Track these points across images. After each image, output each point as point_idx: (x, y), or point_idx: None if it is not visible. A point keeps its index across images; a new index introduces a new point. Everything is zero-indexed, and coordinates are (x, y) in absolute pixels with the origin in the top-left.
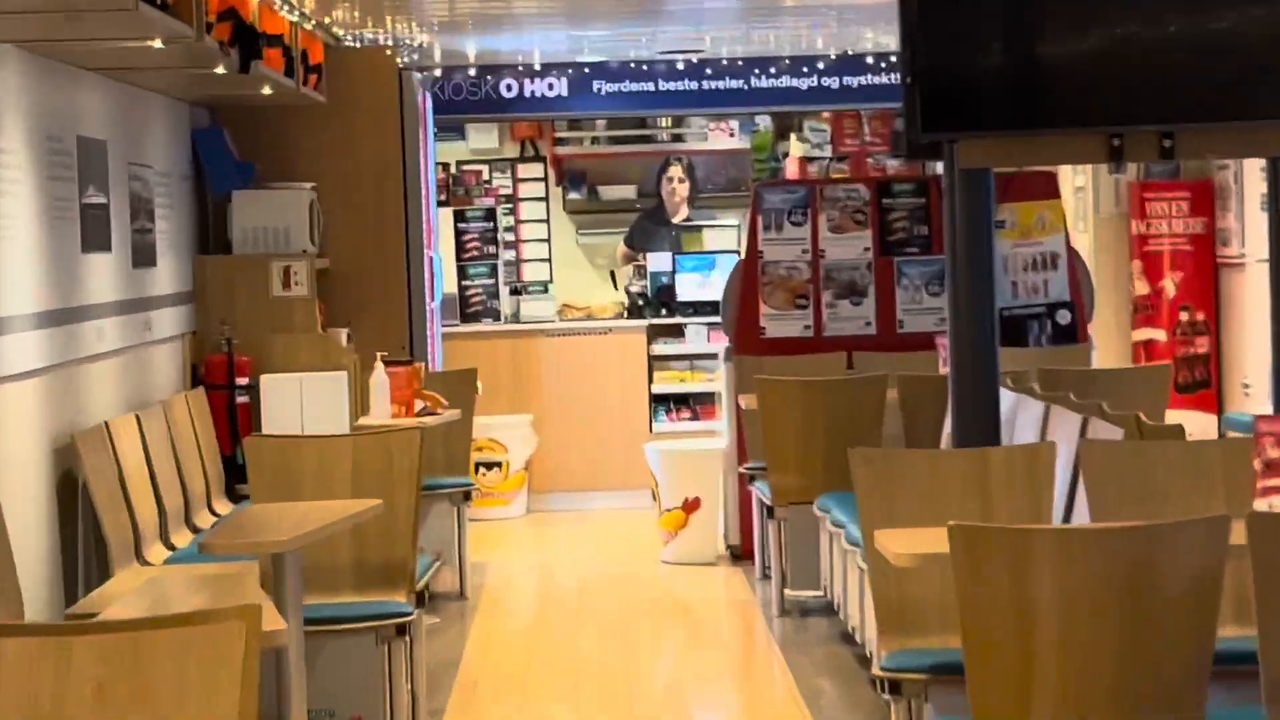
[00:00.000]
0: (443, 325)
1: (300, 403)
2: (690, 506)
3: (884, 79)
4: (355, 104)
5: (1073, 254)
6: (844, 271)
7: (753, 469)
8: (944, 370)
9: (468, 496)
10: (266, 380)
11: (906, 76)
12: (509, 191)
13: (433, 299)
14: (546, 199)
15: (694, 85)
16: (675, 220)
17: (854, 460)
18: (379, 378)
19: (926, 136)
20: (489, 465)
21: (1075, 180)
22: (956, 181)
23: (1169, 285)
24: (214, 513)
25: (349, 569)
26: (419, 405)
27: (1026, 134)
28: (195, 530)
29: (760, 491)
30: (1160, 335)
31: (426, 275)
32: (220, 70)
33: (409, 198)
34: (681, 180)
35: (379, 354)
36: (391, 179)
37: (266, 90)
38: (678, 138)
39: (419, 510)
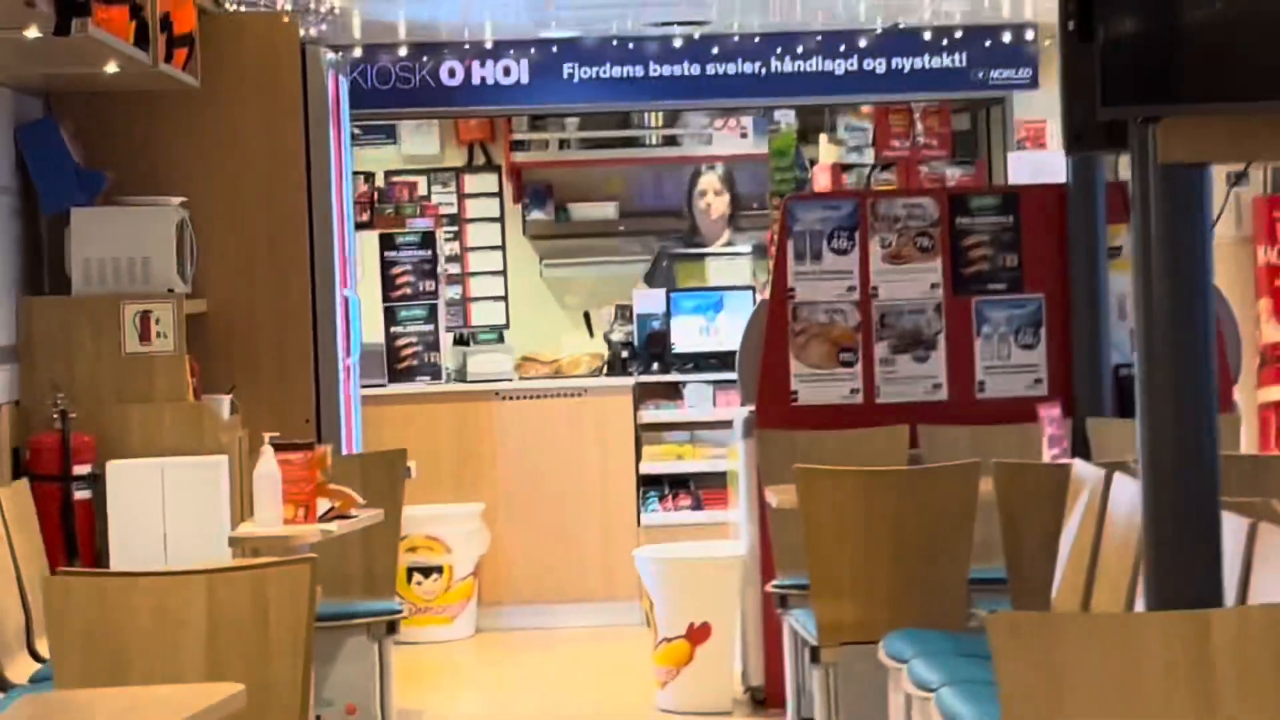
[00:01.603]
0: (364, 387)
1: (162, 500)
2: (697, 635)
3: (944, 60)
4: (241, 91)
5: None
6: (904, 316)
7: (784, 588)
8: (1049, 454)
9: (393, 628)
10: (115, 468)
11: (1071, 21)
12: (453, 210)
13: (349, 353)
14: (501, 220)
15: (695, 69)
16: (715, 247)
17: (995, 630)
18: (265, 469)
19: (1110, 112)
20: (426, 570)
21: None
22: (1154, 183)
23: None
24: (37, 658)
25: None
26: (323, 505)
27: (1267, 107)
28: (5, 687)
29: (799, 624)
30: None
31: (340, 322)
32: (31, 34)
33: (316, 218)
34: (718, 193)
35: (267, 435)
36: (291, 193)
37: (111, 68)
38: (671, 140)
39: (309, 681)
